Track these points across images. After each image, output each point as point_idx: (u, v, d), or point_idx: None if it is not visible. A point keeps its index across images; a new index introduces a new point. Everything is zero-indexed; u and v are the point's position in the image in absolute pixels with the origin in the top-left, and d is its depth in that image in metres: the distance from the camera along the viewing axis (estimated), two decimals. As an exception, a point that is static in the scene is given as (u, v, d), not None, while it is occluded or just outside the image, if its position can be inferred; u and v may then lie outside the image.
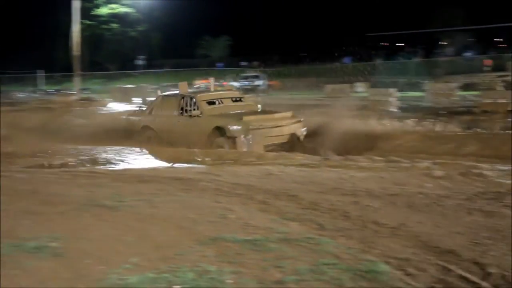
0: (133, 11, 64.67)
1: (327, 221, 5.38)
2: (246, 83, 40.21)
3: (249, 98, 16.37)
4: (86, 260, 4.36)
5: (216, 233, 5.00)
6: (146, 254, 4.47)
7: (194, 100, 13.11)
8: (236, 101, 13.80)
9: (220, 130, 12.06)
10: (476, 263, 4.14)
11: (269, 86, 39.52)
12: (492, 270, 3.99)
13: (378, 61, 51.23)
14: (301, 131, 12.46)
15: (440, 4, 61.61)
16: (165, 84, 48.15)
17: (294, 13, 70.07)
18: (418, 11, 62.73)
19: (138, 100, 30.88)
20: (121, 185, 7.68)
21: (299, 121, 12.63)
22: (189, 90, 14.67)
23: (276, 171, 8.40)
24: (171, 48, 69.81)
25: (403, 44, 68.78)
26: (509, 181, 6.96)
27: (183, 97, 13.55)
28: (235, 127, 11.83)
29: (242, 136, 11.58)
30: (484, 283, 3.79)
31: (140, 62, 66.56)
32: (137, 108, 15.08)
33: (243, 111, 12.95)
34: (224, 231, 5.05)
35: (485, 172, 7.56)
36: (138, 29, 65.72)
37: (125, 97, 31.15)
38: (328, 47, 63.41)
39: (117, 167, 10.04)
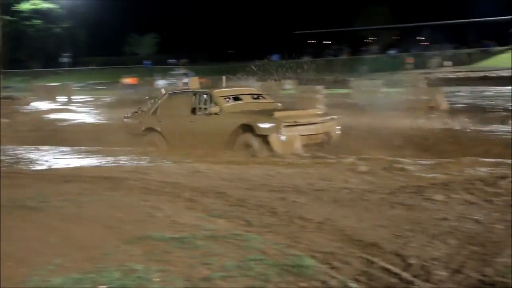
0: (57, 7, 63.23)
1: (254, 218, 5.43)
2: (175, 80, 39.90)
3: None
4: (7, 263, 4.24)
5: (143, 231, 4.96)
6: (70, 254, 4.39)
7: (210, 96, 11.64)
8: (255, 98, 12.41)
9: (246, 129, 10.65)
10: (398, 255, 4.26)
11: (200, 83, 39.23)
12: (412, 261, 4.13)
13: (306, 59, 51.96)
14: (336, 129, 11.33)
15: (365, 2, 63.22)
16: (91, 82, 47.33)
17: (221, 10, 70.20)
18: (344, 9, 64.12)
19: (63, 98, 30.24)
20: (45, 185, 7.49)
21: (333, 119, 11.43)
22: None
23: (203, 169, 8.37)
24: (97, 46, 68.75)
25: (329, 42, 70.02)
26: (429, 175, 7.22)
27: (195, 93, 12.09)
28: (266, 124, 10.39)
29: (275, 134, 10.24)
30: (405, 274, 3.91)
31: (65, 60, 65.18)
32: (137, 109, 13.49)
33: (265, 108, 11.50)
34: (152, 230, 5.01)
35: (407, 167, 7.78)
36: (63, 26, 64.32)
37: (49, 95, 30.40)
38: (256, 45, 63.88)
39: (41, 167, 9.77)
